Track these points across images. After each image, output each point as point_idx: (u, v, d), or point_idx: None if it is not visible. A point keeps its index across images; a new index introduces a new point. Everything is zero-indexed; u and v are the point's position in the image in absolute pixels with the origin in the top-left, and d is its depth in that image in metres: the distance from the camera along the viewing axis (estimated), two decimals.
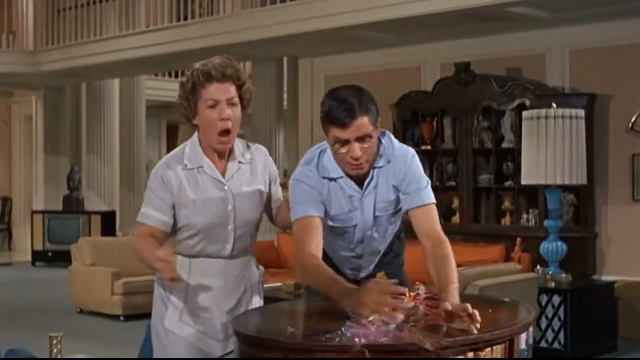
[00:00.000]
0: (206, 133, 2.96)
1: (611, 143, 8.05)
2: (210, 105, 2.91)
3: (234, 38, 9.97)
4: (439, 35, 9.11)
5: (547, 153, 6.95)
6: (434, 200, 2.92)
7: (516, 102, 8.24)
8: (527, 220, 8.31)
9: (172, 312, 3.02)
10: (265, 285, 7.76)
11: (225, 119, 2.90)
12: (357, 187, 2.92)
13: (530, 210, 8.30)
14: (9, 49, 13.48)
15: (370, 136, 2.81)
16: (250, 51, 10.67)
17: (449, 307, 2.42)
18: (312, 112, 10.70)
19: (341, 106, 2.80)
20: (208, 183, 2.98)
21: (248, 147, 3.11)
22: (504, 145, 8.49)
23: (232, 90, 2.93)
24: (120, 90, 14.40)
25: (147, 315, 8.05)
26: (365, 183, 2.92)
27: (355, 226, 2.99)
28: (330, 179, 2.92)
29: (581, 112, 7.16)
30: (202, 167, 2.99)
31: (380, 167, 2.92)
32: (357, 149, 2.79)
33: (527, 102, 8.07)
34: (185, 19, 11.53)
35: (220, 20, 10.52)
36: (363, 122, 2.78)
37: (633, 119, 7.89)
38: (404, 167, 2.92)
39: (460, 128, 8.67)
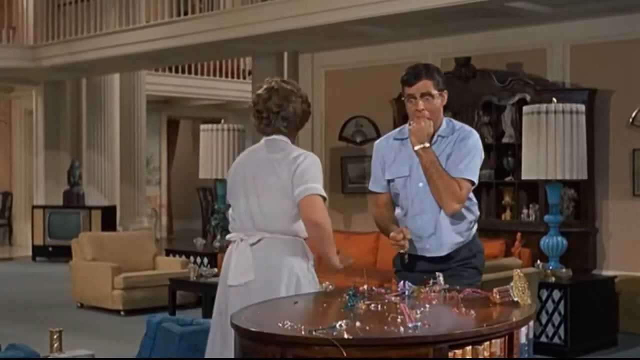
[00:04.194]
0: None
1: (612, 138, 8.05)
2: None
3: (235, 33, 9.96)
4: (440, 30, 9.10)
5: (548, 148, 6.94)
6: (469, 177, 3.59)
7: (517, 97, 8.25)
8: (528, 215, 8.31)
9: None
10: None
11: None
12: None
13: (531, 205, 8.30)
14: (9, 44, 13.48)
15: (432, 95, 3.63)
16: (251, 46, 10.66)
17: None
18: (312, 107, 10.69)
19: (412, 71, 3.70)
20: None
21: None
22: (505, 140, 8.50)
23: None
24: (121, 86, 14.39)
25: (148, 310, 8.06)
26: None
27: (409, 177, 3.67)
28: (402, 139, 3.73)
29: (582, 107, 7.15)
30: None
31: (443, 137, 3.67)
32: (420, 102, 3.63)
33: (528, 97, 8.08)
34: (186, 14, 11.52)
35: (220, 15, 10.52)
36: (426, 83, 3.64)
37: (633, 114, 7.89)
38: (464, 140, 3.64)
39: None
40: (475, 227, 3.75)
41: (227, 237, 3.74)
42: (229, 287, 3.60)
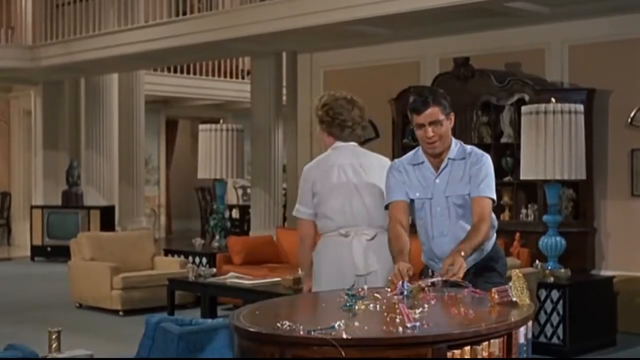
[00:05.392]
0: None
1: (610, 138, 8.05)
2: None
3: (233, 33, 9.95)
4: (438, 31, 9.10)
5: (546, 148, 6.94)
6: (491, 195, 3.79)
7: (515, 97, 8.25)
8: (526, 215, 8.31)
9: None
10: (264, 280, 7.77)
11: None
12: (433, 171, 3.81)
13: (530, 205, 8.30)
14: (8, 44, 13.46)
15: (441, 123, 3.71)
16: (249, 46, 10.66)
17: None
18: (311, 108, 10.69)
19: (419, 99, 3.73)
20: None
21: None
22: (503, 140, 8.50)
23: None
24: (120, 86, 14.38)
25: (146, 310, 8.06)
26: (440, 168, 3.79)
27: (430, 199, 3.79)
28: (415, 164, 3.83)
29: (580, 107, 7.16)
30: None
31: (454, 160, 3.80)
32: (429, 130, 3.70)
33: (526, 97, 8.08)
34: (184, 14, 11.51)
35: (219, 15, 10.51)
36: (434, 111, 3.69)
37: (632, 114, 7.89)
38: (478, 164, 3.81)
39: (460, 123, 8.61)
40: (494, 237, 3.94)
41: (342, 231, 4.11)
42: (356, 276, 4.03)
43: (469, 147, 3.89)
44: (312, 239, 4.24)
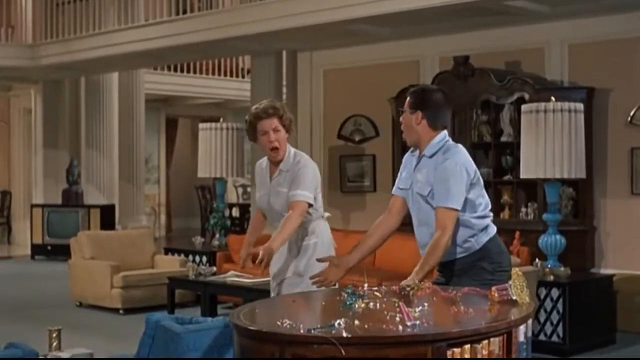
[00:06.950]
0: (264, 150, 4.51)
1: (610, 137, 8.05)
2: (262, 134, 4.44)
3: (233, 32, 9.96)
4: (438, 29, 9.10)
5: (546, 147, 6.95)
6: (449, 205, 3.64)
7: (515, 96, 8.24)
8: (526, 213, 8.31)
9: None
10: (264, 279, 7.75)
11: (272, 141, 4.42)
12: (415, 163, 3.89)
13: (529, 204, 8.30)
14: (8, 43, 13.46)
15: (404, 114, 3.88)
16: (249, 45, 10.66)
17: None
18: (311, 106, 10.70)
19: None
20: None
21: (295, 160, 4.46)
22: (503, 139, 8.50)
23: (275, 121, 4.40)
24: (120, 84, 14.38)
25: (146, 309, 8.07)
26: (416, 162, 3.87)
27: (410, 190, 3.90)
28: (414, 155, 3.94)
29: (580, 106, 7.16)
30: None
31: (428, 157, 3.79)
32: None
33: (526, 96, 8.07)
34: (185, 12, 11.52)
35: (219, 14, 10.51)
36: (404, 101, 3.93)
37: (632, 113, 7.89)
38: (441, 168, 3.70)
39: (460, 122, 8.66)
40: (483, 238, 3.80)
41: (325, 215, 4.61)
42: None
43: (446, 146, 3.79)
44: None
